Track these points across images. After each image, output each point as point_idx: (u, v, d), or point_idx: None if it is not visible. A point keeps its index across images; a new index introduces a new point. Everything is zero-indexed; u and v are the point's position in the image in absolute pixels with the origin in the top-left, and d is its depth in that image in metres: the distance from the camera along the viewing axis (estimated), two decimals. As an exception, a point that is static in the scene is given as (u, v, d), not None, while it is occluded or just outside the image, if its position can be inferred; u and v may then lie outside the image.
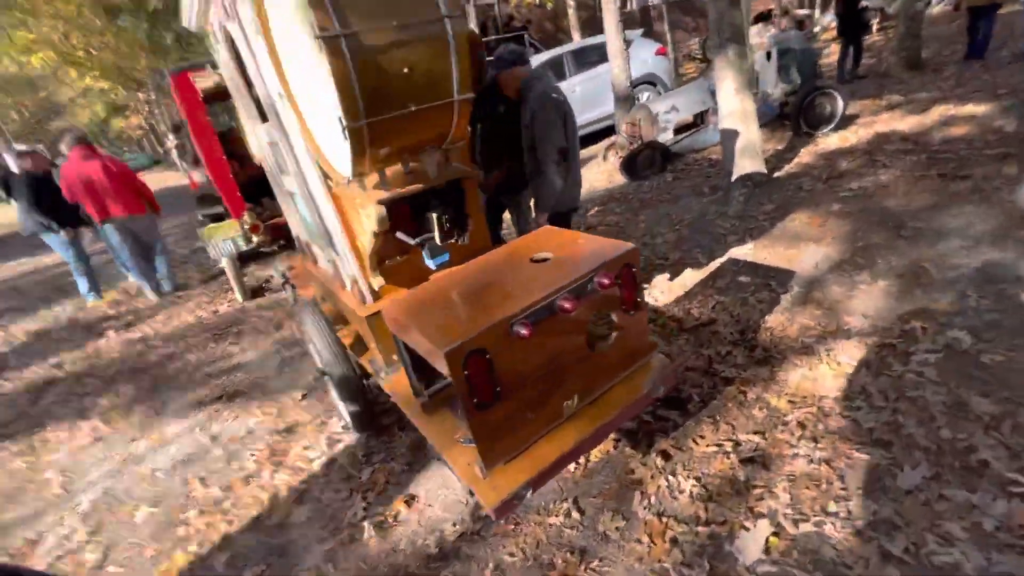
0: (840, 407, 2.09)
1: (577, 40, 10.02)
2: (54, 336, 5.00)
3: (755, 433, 2.08)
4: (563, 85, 7.75)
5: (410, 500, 2.14)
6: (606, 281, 1.53)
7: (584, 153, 7.60)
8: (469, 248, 2.34)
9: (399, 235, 1.81)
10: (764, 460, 1.94)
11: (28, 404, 3.70)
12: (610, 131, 7.36)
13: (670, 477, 1.95)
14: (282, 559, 2.02)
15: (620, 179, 5.91)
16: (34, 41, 12.11)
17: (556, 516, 1.91)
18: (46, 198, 4.97)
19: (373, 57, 1.26)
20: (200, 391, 3.41)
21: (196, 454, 2.75)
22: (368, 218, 1.63)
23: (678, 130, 6.06)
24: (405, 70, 1.30)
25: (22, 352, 4.76)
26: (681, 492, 1.89)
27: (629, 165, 5.70)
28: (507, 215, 3.36)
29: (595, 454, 2.15)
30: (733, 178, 4.28)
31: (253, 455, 2.64)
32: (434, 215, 1.74)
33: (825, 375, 2.28)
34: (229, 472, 2.56)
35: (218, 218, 5.26)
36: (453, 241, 1.85)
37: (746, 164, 4.23)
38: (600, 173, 6.44)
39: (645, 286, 3.36)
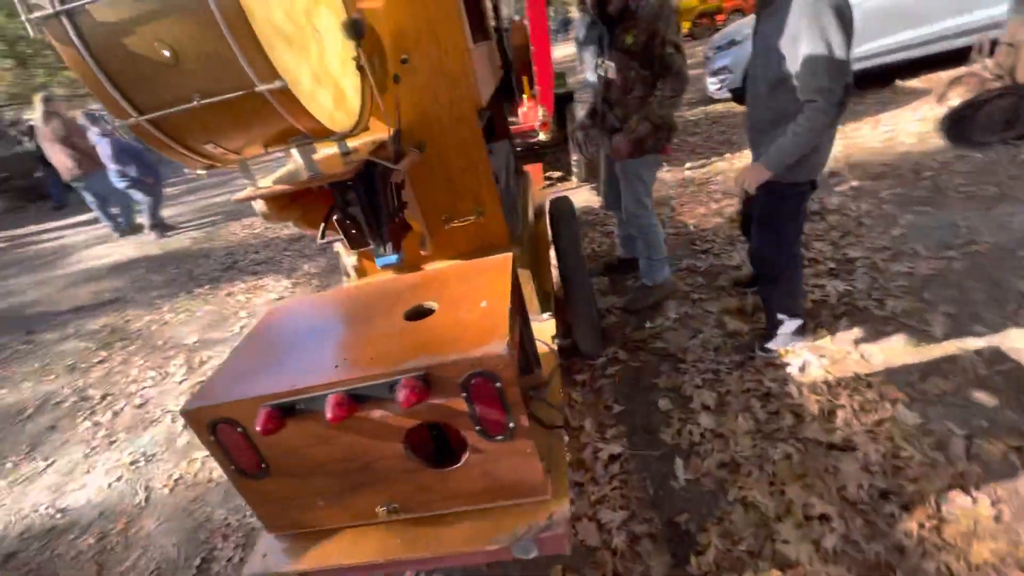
0: None
1: None
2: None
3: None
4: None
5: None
6: (407, 397, 1.01)
7: (916, 84, 5.08)
8: (486, 240, 1.90)
9: (322, 230, 1.56)
10: None
11: (280, 252, 5.05)
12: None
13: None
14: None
15: (937, 141, 3.74)
16: None
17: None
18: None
19: (116, 39, 0.96)
20: (350, 284, 3.99)
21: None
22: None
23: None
24: (166, 54, 0.97)
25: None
26: None
27: (956, 123, 3.49)
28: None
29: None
30: None
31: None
32: (335, 218, 1.42)
33: None
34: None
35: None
36: (373, 249, 1.49)
37: None
38: (919, 122, 4.20)
39: (805, 341, 2.18)
